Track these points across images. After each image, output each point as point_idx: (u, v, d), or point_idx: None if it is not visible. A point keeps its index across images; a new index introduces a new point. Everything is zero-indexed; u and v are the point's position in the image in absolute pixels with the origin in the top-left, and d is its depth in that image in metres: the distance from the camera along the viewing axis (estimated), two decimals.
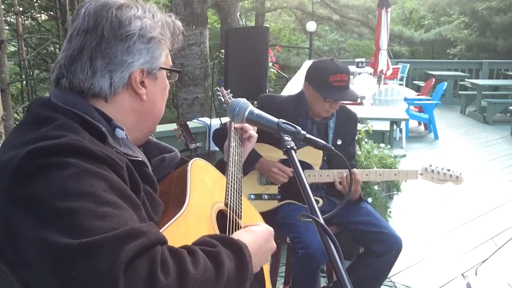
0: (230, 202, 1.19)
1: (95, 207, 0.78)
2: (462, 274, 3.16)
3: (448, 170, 2.39)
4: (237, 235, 1.02)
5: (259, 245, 1.04)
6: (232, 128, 1.44)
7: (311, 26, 13.57)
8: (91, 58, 0.96)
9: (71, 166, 0.82)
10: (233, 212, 1.18)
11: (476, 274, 3.11)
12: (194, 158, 1.21)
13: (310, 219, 0.93)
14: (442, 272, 3.27)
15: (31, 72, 15.30)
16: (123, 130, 0.99)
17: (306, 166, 2.40)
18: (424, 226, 4.15)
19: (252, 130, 1.48)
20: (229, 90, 1.91)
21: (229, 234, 1.10)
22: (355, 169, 2.39)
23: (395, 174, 2.45)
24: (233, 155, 1.38)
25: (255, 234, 1.05)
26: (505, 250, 3.30)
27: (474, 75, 11.52)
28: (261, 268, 1.19)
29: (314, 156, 2.41)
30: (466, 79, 10.55)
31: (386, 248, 2.32)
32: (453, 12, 16.92)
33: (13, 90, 13.78)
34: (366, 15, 16.64)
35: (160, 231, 0.91)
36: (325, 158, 2.46)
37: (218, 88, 1.92)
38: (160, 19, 1.04)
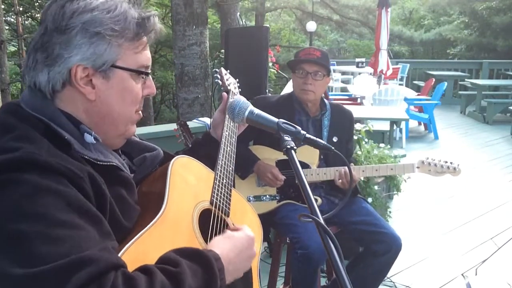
0: (216, 199, 1.15)
1: (48, 229, 0.75)
2: (462, 274, 3.16)
3: (446, 162, 2.38)
4: (213, 243, 0.99)
5: (236, 253, 1.00)
6: (223, 140, 1.35)
7: (311, 26, 13.56)
8: (35, 51, 0.93)
9: (25, 184, 0.78)
10: (219, 209, 1.14)
11: (476, 274, 3.11)
12: (177, 156, 1.16)
13: (310, 219, 0.93)
14: (442, 272, 3.27)
15: None
16: (91, 134, 0.94)
17: (303, 165, 2.40)
18: (424, 226, 4.14)
19: None
20: (229, 70, 1.83)
21: (212, 234, 1.08)
22: (352, 166, 2.41)
23: (392, 169, 2.45)
24: (225, 145, 1.31)
25: (233, 241, 1.02)
26: (505, 250, 3.30)
27: (474, 75, 11.52)
28: (250, 268, 1.15)
29: (311, 155, 2.42)
30: (466, 79, 10.55)
31: (385, 248, 2.31)
32: (453, 12, 16.93)
33: (13, 90, 13.77)
34: (366, 15, 16.65)
35: (132, 240, 0.89)
36: (321, 157, 2.46)
37: (217, 70, 1.85)
38: (121, 13, 0.95)
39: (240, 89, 1.84)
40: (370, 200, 3.29)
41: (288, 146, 1.07)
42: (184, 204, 1.07)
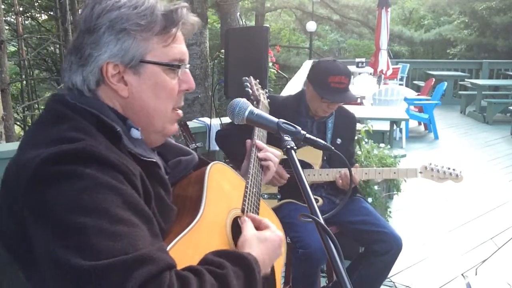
0: (247, 208, 1.17)
1: (108, 225, 0.77)
2: (462, 274, 3.15)
3: (448, 168, 2.38)
4: (249, 244, 1.01)
5: (270, 255, 1.03)
6: (254, 149, 1.38)
7: (311, 26, 13.58)
8: (70, 54, 0.97)
9: (87, 177, 0.80)
10: None
11: (476, 274, 3.11)
12: (213, 162, 1.19)
13: (310, 219, 0.93)
14: (442, 272, 3.27)
15: (31, 72, 15.31)
16: (138, 130, 0.97)
17: (306, 165, 2.41)
18: (424, 226, 4.15)
19: (272, 162, 1.37)
20: (258, 80, 1.85)
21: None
22: (353, 169, 2.40)
23: (395, 173, 2.45)
24: (255, 155, 1.35)
25: (268, 242, 1.04)
26: (505, 250, 3.30)
27: (474, 75, 11.52)
28: (273, 270, 1.18)
29: (314, 156, 2.42)
30: (466, 79, 10.55)
31: (386, 248, 2.31)
32: (453, 12, 16.93)
33: (13, 90, 13.79)
34: (366, 15, 16.68)
35: (173, 242, 0.91)
36: (324, 158, 2.46)
37: (247, 78, 1.86)
38: (147, 8, 0.96)
39: (269, 100, 1.84)
40: (370, 200, 3.28)
41: (288, 146, 1.08)
42: (219, 210, 1.10)
